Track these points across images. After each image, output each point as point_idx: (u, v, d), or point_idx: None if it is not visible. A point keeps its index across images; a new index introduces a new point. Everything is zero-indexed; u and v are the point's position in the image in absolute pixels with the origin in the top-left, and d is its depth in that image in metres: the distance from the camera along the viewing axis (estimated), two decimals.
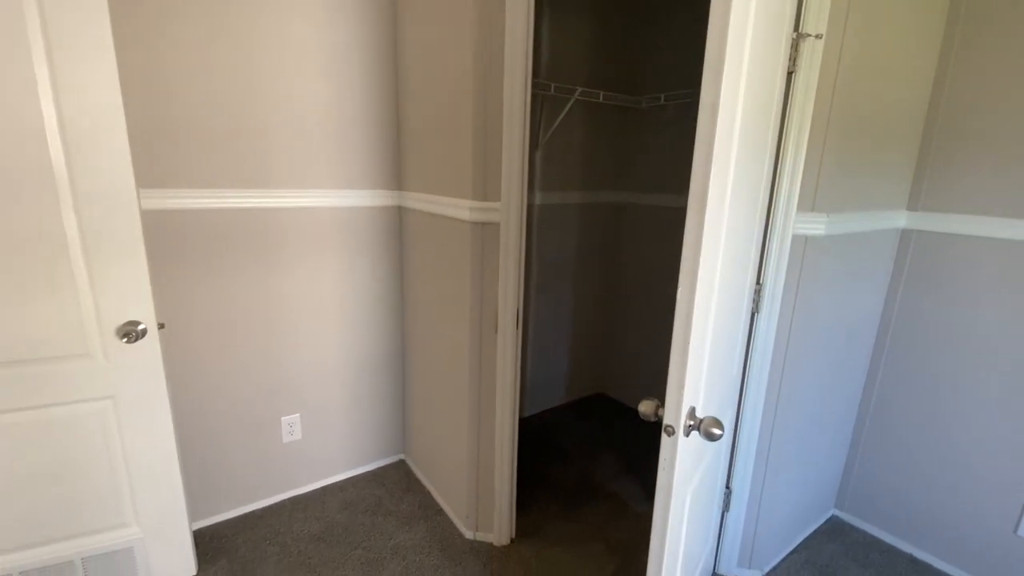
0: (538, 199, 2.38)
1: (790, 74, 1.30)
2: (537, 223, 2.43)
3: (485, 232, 1.51)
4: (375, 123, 1.85)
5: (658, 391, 2.64)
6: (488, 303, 1.57)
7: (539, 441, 2.44)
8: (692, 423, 0.93)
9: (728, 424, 1.46)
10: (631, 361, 2.79)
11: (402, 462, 2.22)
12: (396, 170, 1.94)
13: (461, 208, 1.51)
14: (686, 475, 1.01)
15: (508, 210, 1.47)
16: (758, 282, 1.43)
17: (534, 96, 2.21)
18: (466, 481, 1.73)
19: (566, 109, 2.15)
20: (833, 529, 1.93)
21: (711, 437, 0.90)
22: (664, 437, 0.93)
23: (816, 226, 1.37)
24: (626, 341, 2.81)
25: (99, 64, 1.18)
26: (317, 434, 1.99)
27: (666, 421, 0.92)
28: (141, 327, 1.35)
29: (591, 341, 2.85)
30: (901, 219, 1.70)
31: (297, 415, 1.92)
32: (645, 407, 0.98)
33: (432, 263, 1.78)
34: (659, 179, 2.49)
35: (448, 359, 1.75)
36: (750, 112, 0.99)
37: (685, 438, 0.93)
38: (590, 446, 2.42)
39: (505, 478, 1.70)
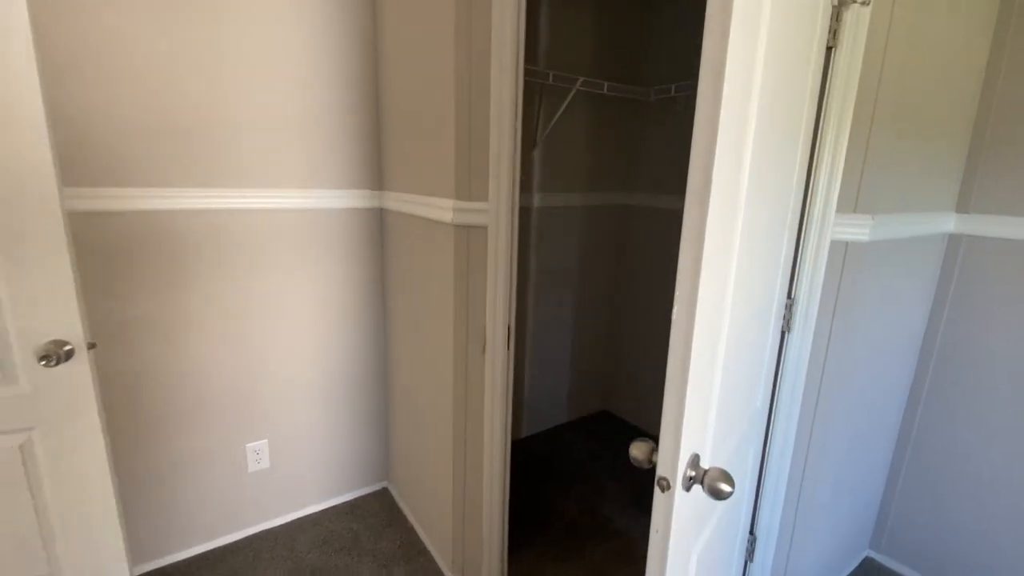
0: (536, 201, 2.18)
1: (829, 49, 1.10)
2: (536, 227, 2.23)
3: (471, 236, 1.31)
4: (353, 114, 1.66)
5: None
6: (475, 318, 1.36)
7: (537, 466, 2.23)
8: (694, 475, 0.73)
9: (752, 463, 1.24)
10: (638, 377, 2.57)
11: (385, 491, 2.02)
12: (377, 168, 1.75)
13: (443, 209, 1.31)
14: (687, 536, 0.80)
15: (497, 211, 1.27)
16: (789, 296, 1.22)
17: (531, 87, 2.01)
18: (451, 519, 1.52)
19: (567, 101, 1.96)
20: (867, 573, 1.70)
21: (717, 495, 0.70)
22: (656, 492, 0.73)
23: (859, 230, 1.15)
24: (633, 355, 2.59)
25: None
26: (288, 461, 1.78)
27: (659, 472, 0.72)
28: (67, 348, 1.15)
29: (595, 355, 2.64)
30: (949, 222, 1.48)
31: (264, 441, 1.72)
32: (638, 451, 0.79)
33: (414, 271, 1.58)
34: (669, 179, 2.29)
35: (431, 380, 1.54)
36: (774, 89, 0.79)
37: (684, 493, 0.72)
38: (594, 472, 2.20)
39: (495, 519, 1.49)
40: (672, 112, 2.23)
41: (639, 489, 2.09)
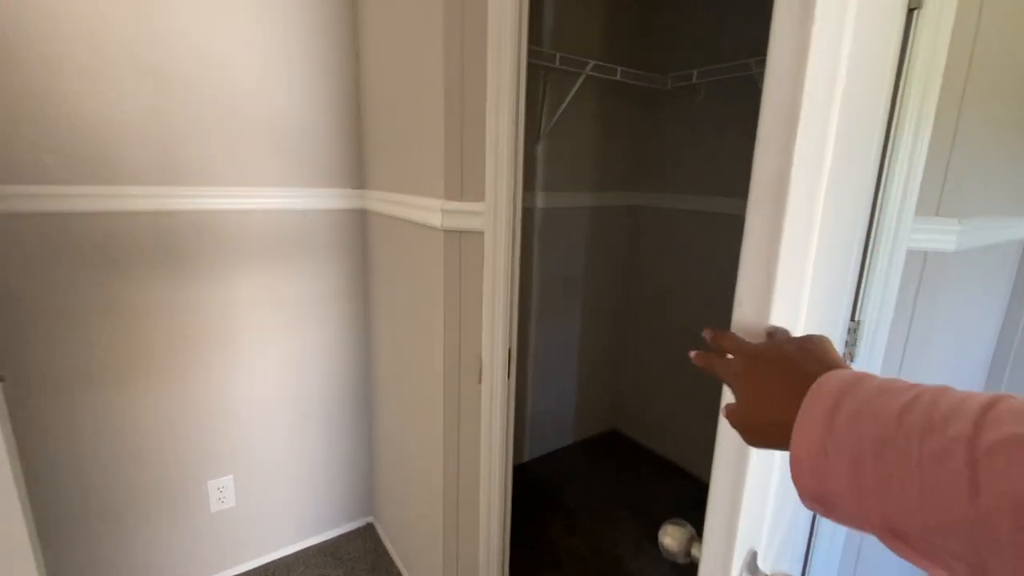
0: (540, 201, 1.96)
1: (912, 11, 0.88)
2: (539, 230, 2.00)
3: (464, 243, 1.09)
4: (330, 99, 1.44)
5: (681, 429, 2.20)
6: (469, 341, 1.14)
7: (541, 495, 2.00)
8: None
9: (799, 543, 1.02)
10: (650, 393, 2.35)
11: (370, 527, 1.79)
12: (358, 162, 1.52)
13: (430, 211, 1.09)
14: None
15: (495, 213, 1.05)
16: (853, 318, 1.00)
17: (535, 70, 1.79)
18: (442, 568, 1.30)
19: (575, 88, 1.73)
20: None
21: None
22: None
23: (943, 237, 0.93)
24: (645, 370, 2.37)
25: None
26: (257, 499, 1.56)
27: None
28: None
29: (604, 370, 2.41)
30: None
31: (229, 477, 1.50)
32: (671, 539, 0.60)
33: (399, 283, 1.36)
34: (688, 177, 2.06)
35: (419, 409, 1.32)
36: (856, 61, 0.57)
37: None
38: (603, 501, 1.98)
39: (492, 568, 1.27)
40: (693, 103, 2.00)
41: (655, 523, 1.87)
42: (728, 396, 0.49)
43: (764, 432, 0.39)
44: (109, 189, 1.19)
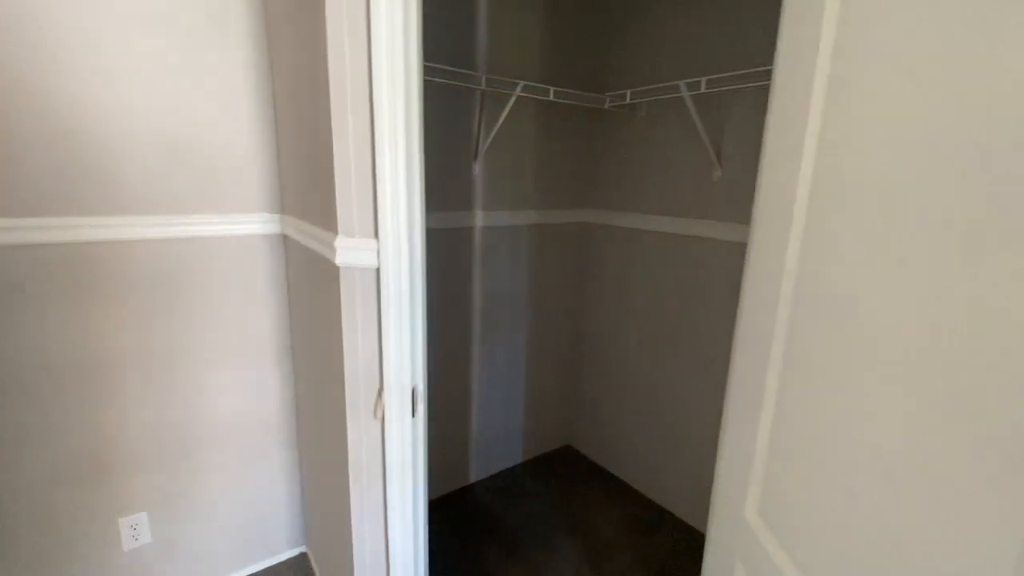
0: (480, 220, 1.93)
1: None
2: (480, 248, 1.97)
3: (361, 280, 1.05)
4: (246, 120, 1.40)
5: (631, 447, 2.18)
6: (370, 379, 1.10)
7: (483, 520, 1.97)
8: None
9: None
10: (601, 409, 2.33)
11: (303, 557, 1.75)
12: (277, 186, 1.48)
13: (328, 245, 1.06)
14: None
15: (391, 250, 1.01)
16: None
17: (468, 94, 1.76)
18: None
19: (507, 109, 1.70)
20: None
21: None
22: None
23: None
24: (595, 386, 2.35)
25: None
26: (177, 532, 1.51)
27: None
28: None
29: (555, 386, 2.39)
30: None
31: (143, 513, 1.44)
32: None
33: (310, 313, 1.32)
34: (635, 196, 2.05)
35: (332, 444, 1.28)
36: None
37: None
38: (551, 526, 1.95)
39: None
40: (634, 121, 1.99)
41: (596, 545, 1.85)
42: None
43: None
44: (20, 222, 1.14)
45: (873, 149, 0.54)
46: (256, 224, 1.46)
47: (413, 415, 1.12)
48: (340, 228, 1.02)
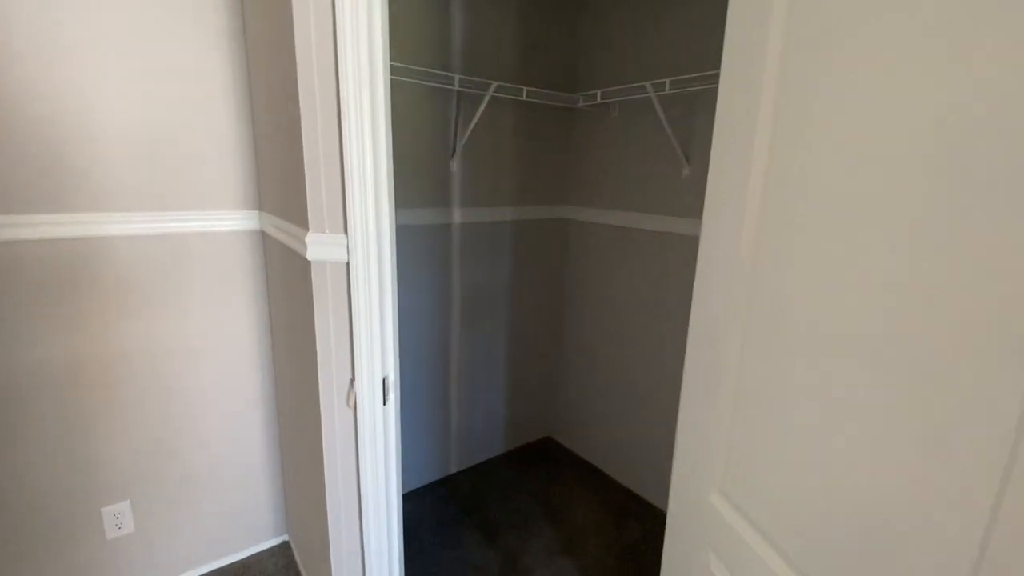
0: (458, 217, 1.98)
1: None
2: (459, 245, 2.02)
3: (331, 274, 1.10)
4: (225, 119, 1.43)
5: (610, 438, 2.25)
6: (342, 369, 1.15)
7: (464, 509, 2.03)
8: None
9: None
10: (581, 401, 2.39)
11: (285, 546, 1.79)
12: (256, 184, 1.52)
13: (300, 241, 1.10)
14: None
15: (358, 246, 1.06)
16: None
17: (444, 93, 1.80)
18: None
19: (480, 109, 1.75)
20: None
21: None
22: None
23: None
24: (575, 378, 2.41)
25: None
26: (159, 522, 1.55)
27: None
28: None
29: (535, 378, 2.45)
30: None
31: (126, 502, 1.48)
32: None
33: (287, 306, 1.37)
34: (610, 192, 2.10)
35: (309, 434, 1.33)
36: None
37: None
38: (526, 514, 2.01)
39: None
40: (607, 120, 2.04)
41: (572, 531, 1.91)
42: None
43: None
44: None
45: (815, 146, 0.58)
46: (235, 221, 1.49)
47: (384, 403, 1.17)
48: (311, 224, 1.06)
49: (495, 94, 1.71)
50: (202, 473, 1.59)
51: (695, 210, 1.76)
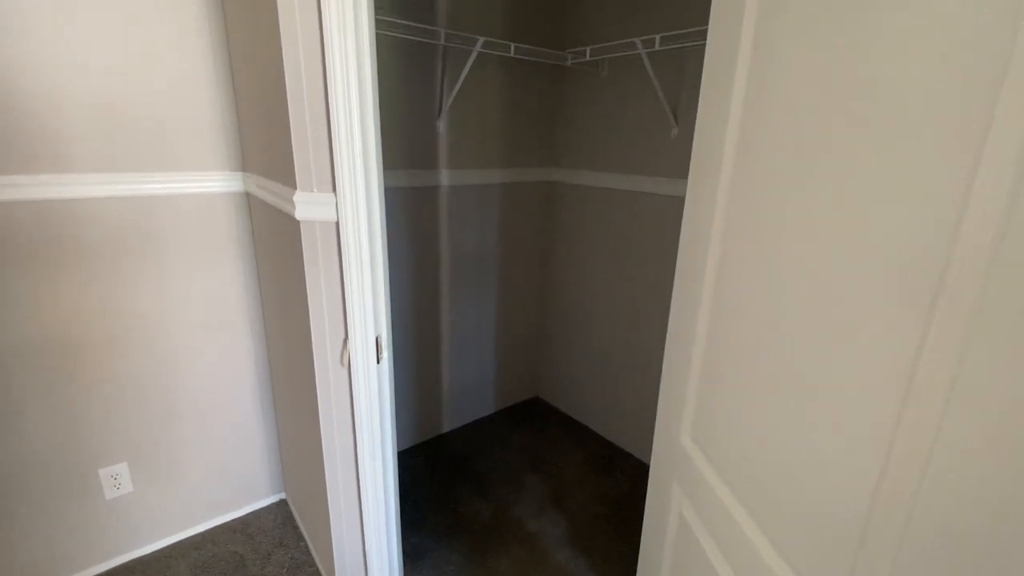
0: (446, 179, 1.95)
1: None
2: (447, 207, 2.01)
3: (321, 233, 1.09)
4: (201, 73, 1.38)
5: (596, 395, 2.32)
6: (335, 328, 1.16)
7: (456, 465, 2.09)
8: None
9: None
10: (568, 361, 2.45)
11: (283, 503, 1.84)
12: (238, 144, 1.48)
13: (288, 200, 1.09)
14: None
15: (347, 205, 1.05)
16: None
17: (428, 49, 1.75)
18: (336, 542, 1.37)
19: (468, 65, 1.71)
20: None
21: None
22: None
23: None
24: (562, 339, 2.46)
25: None
26: (157, 481, 1.58)
27: None
28: None
29: (523, 339, 2.49)
30: None
31: (123, 464, 1.50)
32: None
33: (276, 267, 1.36)
34: (599, 154, 2.09)
35: (304, 391, 1.35)
36: None
37: None
38: (518, 468, 2.09)
39: (381, 538, 1.34)
40: (596, 79, 2.01)
41: (561, 485, 1.99)
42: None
43: None
44: None
45: (784, 104, 0.60)
46: (217, 182, 1.46)
47: (378, 362, 1.19)
48: (299, 183, 1.05)
49: (482, 50, 1.66)
50: (198, 434, 1.61)
51: (684, 170, 1.77)
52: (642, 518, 1.82)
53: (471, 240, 2.13)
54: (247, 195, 1.52)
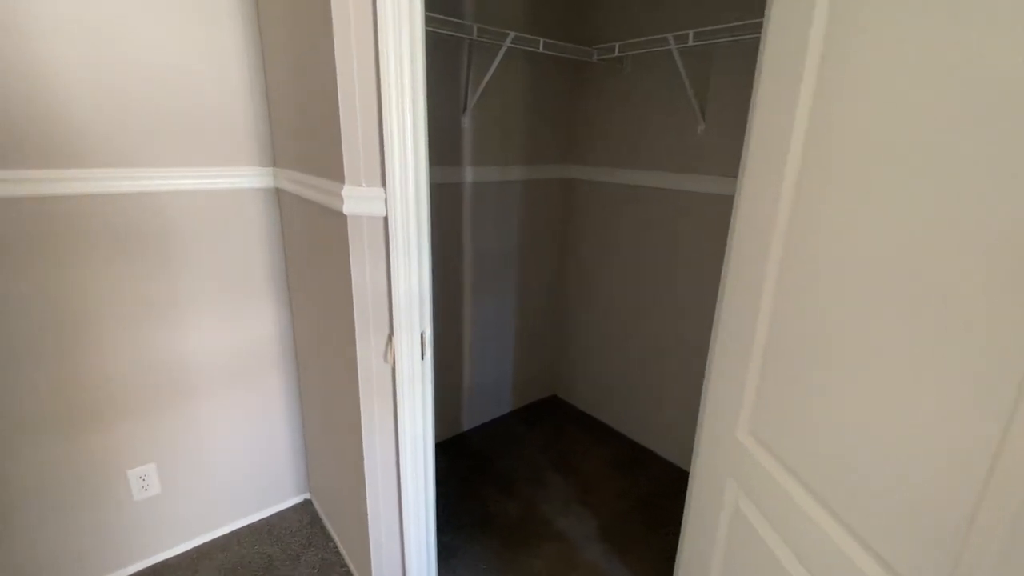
0: (469, 176, 1.94)
1: None
2: (470, 205, 1.99)
3: (368, 228, 1.08)
4: (229, 67, 1.36)
5: (614, 393, 2.32)
6: (379, 325, 1.15)
7: (479, 463, 2.08)
8: None
9: None
10: (586, 359, 2.45)
11: (307, 503, 1.82)
12: (268, 141, 1.46)
13: (334, 195, 1.07)
14: None
15: (398, 198, 1.04)
16: None
17: (457, 42, 1.73)
18: (373, 542, 1.35)
19: (497, 60, 1.70)
20: None
21: None
22: None
23: None
24: (580, 337, 2.46)
25: None
26: (185, 483, 1.55)
27: None
28: None
29: (541, 338, 2.48)
30: None
31: (152, 465, 1.47)
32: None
33: (311, 262, 1.34)
34: (619, 150, 2.09)
35: (339, 390, 1.33)
36: None
37: None
38: (540, 466, 2.08)
39: (419, 541, 1.33)
40: (618, 74, 2.00)
41: (585, 483, 1.99)
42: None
43: None
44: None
45: (867, 97, 0.59)
46: (246, 178, 1.44)
47: (423, 358, 1.17)
48: (347, 177, 1.03)
49: (512, 45, 1.65)
50: (224, 433, 1.58)
51: (710, 167, 1.77)
52: (670, 514, 1.83)
53: (492, 238, 2.11)
54: (277, 191, 1.49)
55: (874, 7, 0.58)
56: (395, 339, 1.13)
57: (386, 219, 1.06)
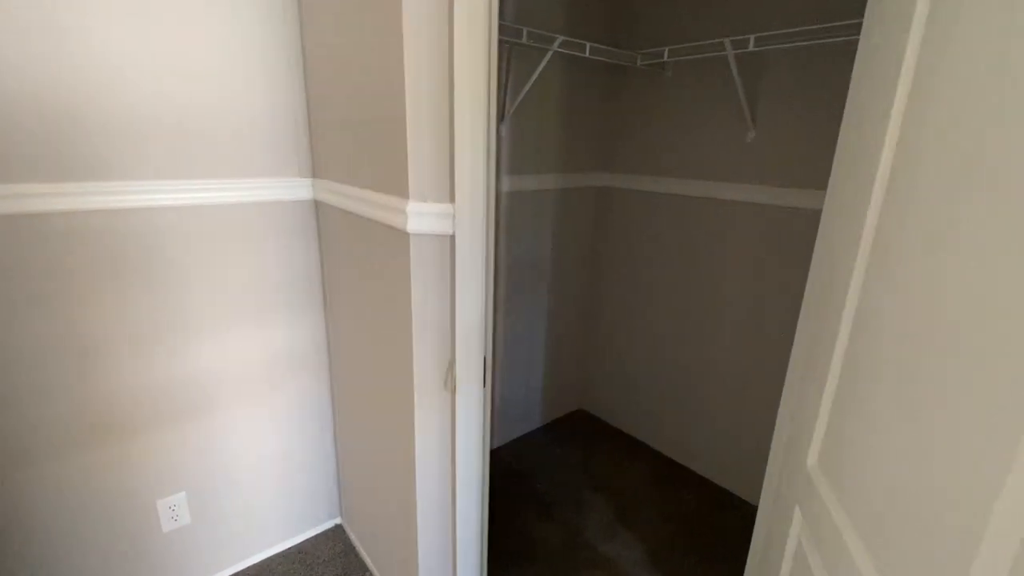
0: (506, 185, 1.87)
1: None
2: (505, 215, 1.92)
3: (431, 247, 1.00)
4: (268, 74, 1.28)
5: (645, 406, 2.24)
6: (440, 350, 1.07)
7: (513, 484, 2.00)
8: None
9: None
10: (615, 372, 2.37)
11: (339, 528, 1.74)
12: (308, 151, 1.38)
13: (394, 210, 0.99)
14: None
15: (465, 216, 0.96)
16: None
17: (499, 46, 1.66)
18: (423, 573, 1.27)
19: (542, 65, 1.62)
20: None
21: None
22: None
23: None
24: (609, 350, 2.38)
25: None
26: (215, 512, 1.46)
27: None
28: None
29: (570, 351, 2.41)
30: None
31: (182, 494, 1.39)
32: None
33: (359, 280, 1.26)
34: (657, 158, 2.02)
35: (387, 416, 1.25)
36: None
37: None
38: (574, 486, 2.00)
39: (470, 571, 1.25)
40: (659, 80, 1.94)
41: (623, 502, 1.91)
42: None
43: None
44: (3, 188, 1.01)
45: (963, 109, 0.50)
46: (282, 189, 1.36)
47: (484, 384, 1.10)
48: (411, 193, 0.96)
49: (558, 49, 1.58)
50: (255, 460, 1.50)
51: (761, 176, 1.70)
52: (721, 536, 1.76)
53: (525, 248, 2.04)
54: (316, 203, 1.41)
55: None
56: (457, 364, 1.06)
57: (453, 237, 0.98)
